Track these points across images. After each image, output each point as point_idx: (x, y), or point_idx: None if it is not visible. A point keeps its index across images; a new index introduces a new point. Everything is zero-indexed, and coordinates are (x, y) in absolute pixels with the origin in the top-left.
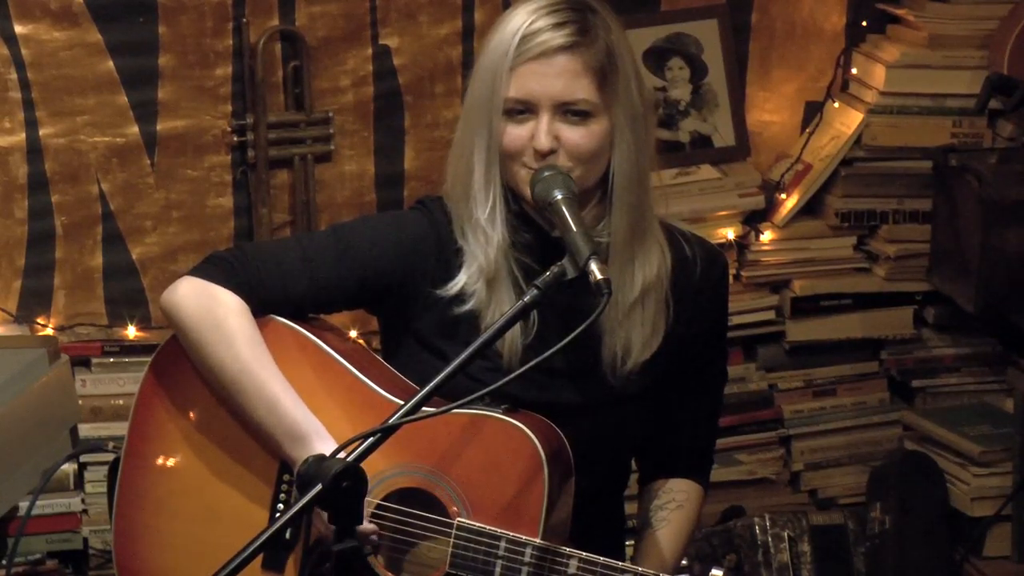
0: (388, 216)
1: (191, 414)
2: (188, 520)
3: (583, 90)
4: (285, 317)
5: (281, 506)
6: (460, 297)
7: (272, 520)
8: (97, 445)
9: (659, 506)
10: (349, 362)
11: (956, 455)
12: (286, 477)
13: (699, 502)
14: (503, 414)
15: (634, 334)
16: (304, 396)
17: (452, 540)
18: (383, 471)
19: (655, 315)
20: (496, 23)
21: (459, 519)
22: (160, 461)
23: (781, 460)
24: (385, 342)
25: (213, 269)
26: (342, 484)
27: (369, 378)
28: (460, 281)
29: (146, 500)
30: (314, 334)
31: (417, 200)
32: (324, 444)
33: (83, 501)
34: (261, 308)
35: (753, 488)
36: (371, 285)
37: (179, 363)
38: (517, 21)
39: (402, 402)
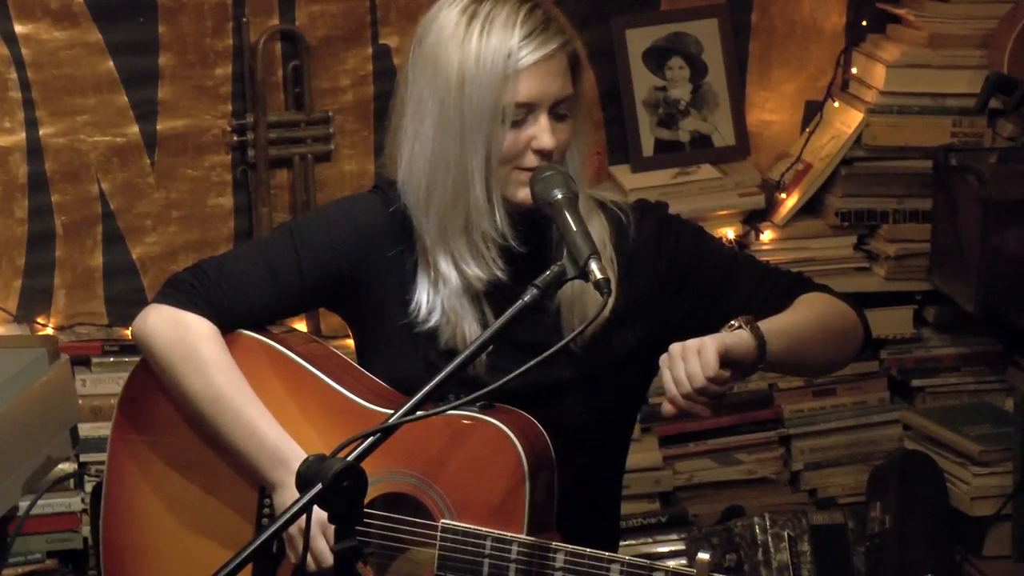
0: (343, 202)
1: (168, 441)
2: (175, 540)
3: (570, 85)
4: (254, 327)
5: (265, 521)
6: (423, 313)
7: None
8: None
9: None
10: (321, 371)
11: (956, 455)
12: (267, 501)
13: (819, 296)
14: (480, 412)
15: (588, 302)
16: (279, 411)
17: (438, 542)
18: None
19: None
20: (452, 31)
21: (443, 521)
22: (142, 486)
23: (781, 460)
24: (357, 341)
25: (178, 294)
26: (342, 484)
27: (343, 386)
28: (422, 298)
29: (131, 523)
30: (284, 345)
31: (375, 184)
32: None
33: (83, 501)
34: (230, 325)
35: (753, 488)
36: (331, 274)
37: (150, 390)
38: (500, 25)
39: (379, 408)
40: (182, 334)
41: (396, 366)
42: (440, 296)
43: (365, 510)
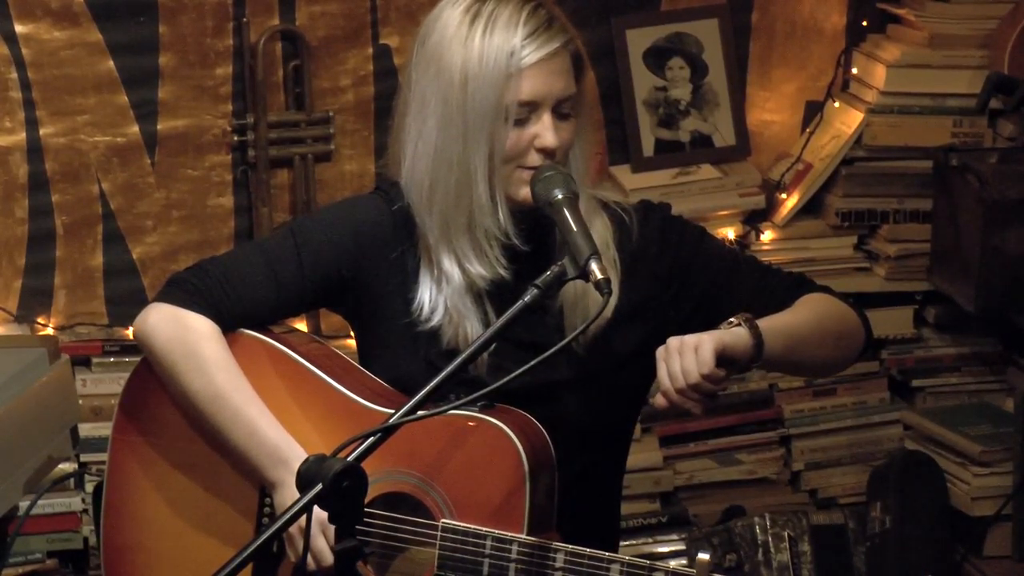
0: (344, 203)
1: (169, 440)
2: (176, 539)
3: (573, 84)
4: (255, 327)
5: (265, 521)
6: (425, 312)
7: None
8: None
9: None
10: (323, 371)
11: (956, 455)
12: (267, 500)
13: (819, 297)
14: (480, 412)
15: (590, 302)
16: (280, 410)
17: (438, 542)
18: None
19: None
20: (455, 30)
21: (443, 520)
22: (143, 486)
23: (781, 460)
24: (359, 341)
25: (179, 293)
26: (342, 484)
27: (344, 385)
28: (425, 297)
29: (132, 522)
30: (285, 344)
31: (376, 185)
32: None
33: (83, 501)
34: (231, 324)
35: (753, 488)
36: (332, 274)
37: (151, 390)
38: (503, 24)
39: (379, 408)
40: (183, 333)
41: (397, 366)
42: (443, 295)
43: (365, 510)
